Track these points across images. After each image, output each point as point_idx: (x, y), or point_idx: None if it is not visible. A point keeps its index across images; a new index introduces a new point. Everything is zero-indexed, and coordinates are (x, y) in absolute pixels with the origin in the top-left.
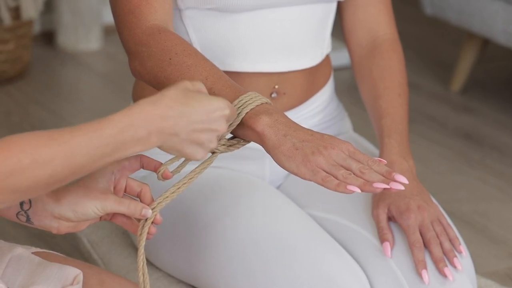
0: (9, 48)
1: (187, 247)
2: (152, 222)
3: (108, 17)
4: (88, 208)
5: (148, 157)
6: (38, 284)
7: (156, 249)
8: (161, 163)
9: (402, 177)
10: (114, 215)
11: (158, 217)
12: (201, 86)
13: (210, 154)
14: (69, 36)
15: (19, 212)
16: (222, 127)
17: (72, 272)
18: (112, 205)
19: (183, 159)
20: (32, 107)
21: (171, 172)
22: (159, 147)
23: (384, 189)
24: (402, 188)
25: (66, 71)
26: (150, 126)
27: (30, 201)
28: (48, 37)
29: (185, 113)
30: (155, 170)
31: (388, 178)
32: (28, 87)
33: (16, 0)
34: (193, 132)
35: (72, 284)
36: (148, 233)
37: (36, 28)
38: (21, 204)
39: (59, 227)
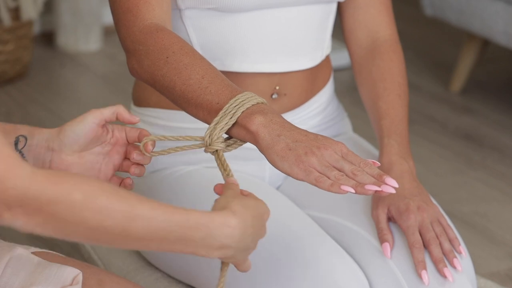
0: (9, 49)
1: None
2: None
3: (108, 18)
4: (82, 124)
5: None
6: (37, 284)
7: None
8: (147, 134)
9: (392, 181)
10: (122, 164)
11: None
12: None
13: (212, 154)
14: (69, 37)
15: None
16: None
17: (72, 272)
18: (101, 110)
19: (169, 142)
20: (32, 108)
21: (159, 151)
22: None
23: (376, 191)
24: (393, 191)
25: (66, 72)
26: (223, 241)
27: (25, 139)
28: (48, 38)
29: (253, 240)
30: (140, 138)
31: (379, 181)
32: (28, 88)
33: (16, 1)
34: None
35: (71, 284)
36: (132, 172)
37: (36, 29)
38: (16, 144)
39: (52, 160)
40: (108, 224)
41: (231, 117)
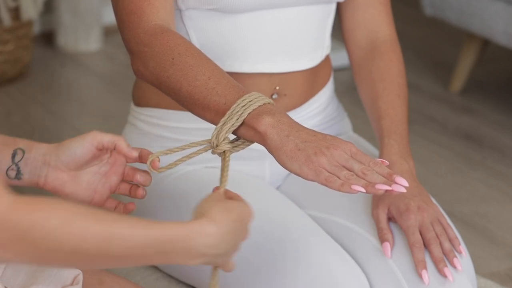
0: (9, 49)
1: None
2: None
3: (108, 18)
4: (80, 143)
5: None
6: (37, 284)
7: None
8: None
9: (403, 180)
10: (119, 186)
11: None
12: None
13: (220, 156)
14: (69, 36)
15: (9, 167)
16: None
17: (72, 272)
18: (103, 135)
19: (176, 154)
20: (32, 108)
21: (167, 166)
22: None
23: (386, 190)
24: (404, 190)
25: (66, 72)
26: (202, 250)
27: (23, 152)
28: (48, 38)
29: (234, 244)
30: (145, 158)
31: (390, 180)
32: (28, 88)
33: (16, 1)
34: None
35: (72, 284)
36: (136, 194)
37: (36, 29)
38: (13, 156)
39: (48, 176)
40: (86, 246)
41: (238, 118)
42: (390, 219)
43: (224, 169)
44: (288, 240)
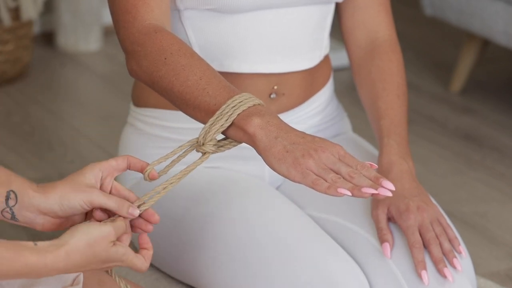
0: (9, 49)
1: (186, 248)
2: (145, 219)
3: (108, 18)
4: (75, 201)
5: (135, 158)
6: (38, 284)
7: (156, 250)
8: (148, 164)
9: (389, 184)
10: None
11: (156, 217)
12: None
13: (201, 154)
14: (69, 37)
15: (4, 209)
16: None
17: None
18: (99, 197)
19: (170, 159)
20: (32, 108)
21: (158, 173)
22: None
23: (372, 194)
24: (390, 194)
25: (66, 72)
26: (50, 274)
27: (16, 197)
28: (48, 38)
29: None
30: (142, 170)
31: (376, 184)
32: (28, 88)
33: (16, 1)
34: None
35: (72, 284)
36: (144, 230)
37: (36, 29)
38: (7, 199)
39: (44, 223)
40: None
41: (227, 119)
42: (389, 219)
43: (193, 165)
44: (287, 240)
